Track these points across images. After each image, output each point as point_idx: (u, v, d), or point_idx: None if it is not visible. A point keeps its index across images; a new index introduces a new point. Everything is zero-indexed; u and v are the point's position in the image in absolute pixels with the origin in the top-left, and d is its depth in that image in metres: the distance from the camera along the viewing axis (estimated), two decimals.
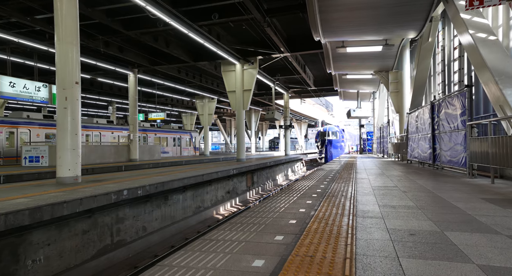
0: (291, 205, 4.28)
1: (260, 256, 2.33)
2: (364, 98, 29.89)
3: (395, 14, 9.59)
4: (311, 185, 6.39)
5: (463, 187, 5.92)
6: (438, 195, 5.02)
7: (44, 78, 18.13)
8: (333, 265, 2.13)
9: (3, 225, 3.93)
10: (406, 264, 2.15)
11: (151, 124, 27.56)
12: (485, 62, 7.00)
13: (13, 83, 12.67)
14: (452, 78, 12.59)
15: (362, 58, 15.37)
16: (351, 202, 4.43)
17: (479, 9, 7.05)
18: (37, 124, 16.44)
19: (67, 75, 6.90)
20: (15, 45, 13.37)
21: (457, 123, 7.91)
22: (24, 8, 10.91)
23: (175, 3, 10.83)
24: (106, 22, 11.57)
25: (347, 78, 19.61)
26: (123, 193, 6.03)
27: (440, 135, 9.39)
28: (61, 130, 6.89)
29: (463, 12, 7.77)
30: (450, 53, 12.75)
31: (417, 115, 12.10)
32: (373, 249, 2.45)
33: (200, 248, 2.52)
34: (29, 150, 12.65)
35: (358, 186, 6.14)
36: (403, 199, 4.65)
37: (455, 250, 2.43)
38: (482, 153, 6.65)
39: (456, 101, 7.97)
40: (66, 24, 6.89)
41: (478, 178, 7.21)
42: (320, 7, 9.00)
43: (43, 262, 4.69)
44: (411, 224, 3.20)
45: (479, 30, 7.56)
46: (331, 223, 3.26)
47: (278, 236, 2.83)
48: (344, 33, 11.38)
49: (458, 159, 7.96)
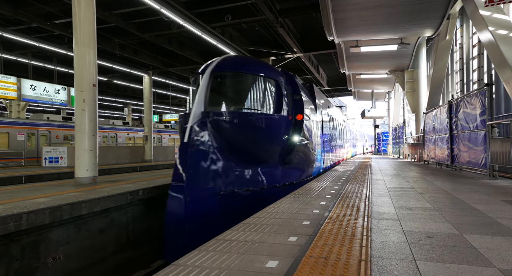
0: (305, 206, 4.25)
1: (274, 257, 2.33)
2: (378, 98, 29.40)
3: (411, 12, 9.40)
4: (324, 186, 6.33)
5: (483, 188, 5.73)
6: (457, 196, 4.88)
7: (63, 81, 18.69)
8: (347, 267, 2.10)
9: (25, 224, 4.08)
10: (424, 267, 2.10)
11: (166, 125, 27.97)
12: (506, 60, 6.77)
13: (34, 86, 13.12)
14: (471, 77, 12.24)
15: (376, 57, 15.14)
16: (366, 204, 4.36)
17: (499, 5, 6.83)
18: (56, 125, 16.95)
19: (85, 77, 7.09)
20: (36, 49, 13.85)
21: (477, 123, 7.68)
22: (44, 14, 11.29)
23: (189, 6, 10.98)
24: (122, 26, 11.83)
25: (361, 77, 19.37)
26: (138, 193, 6.14)
27: (458, 135, 9.14)
28: (79, 132, 7.08)
29: (482, 8, 7.54)
30: (468, 51, 12.39)
31: (434, 115, 11.81)
32: (389, 252, 2.41)
33: (214, 248, 2.54)
34: (49, 151, 13.06)
35: (373, 187, 6.04)
36: (420, 201, 4.55)
37: (475, 253, 2.35)
38: (503, 154, 6.43)
39: (475, 100, 7.74)
40: (84, 28, 7.09)
41: (499, 180, 6.97)
42: (333, 7, 8.93)
43: (63, 260, 4.83)
44: (428, 226, 3.12)
45: (499, 27, 7.32)
46: (345, 225, 3.22)
47: (291, 237, 2.81)
48: (358, 32, 11.25)
49: (477, 159, 7.72)
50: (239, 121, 5.65)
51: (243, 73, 6.10)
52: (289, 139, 6.45)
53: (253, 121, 5.87)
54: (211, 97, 5.60)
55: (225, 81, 6.08)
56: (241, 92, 6.21)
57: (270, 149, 6.24)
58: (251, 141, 5.87)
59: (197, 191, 4.88)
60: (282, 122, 6.26)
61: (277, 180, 6.22)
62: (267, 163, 6.19)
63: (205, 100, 5.44)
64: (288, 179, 6.57)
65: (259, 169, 5.96)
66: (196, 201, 4.79)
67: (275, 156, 6.33)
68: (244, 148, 5.74)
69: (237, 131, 5.58)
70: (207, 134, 5.10)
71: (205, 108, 5.37)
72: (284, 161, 6.50)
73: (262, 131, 5.97)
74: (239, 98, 6.19)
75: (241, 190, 5.50)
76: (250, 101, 6.17)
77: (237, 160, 5.54)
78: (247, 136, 5.76)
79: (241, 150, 5.66)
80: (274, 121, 6.16)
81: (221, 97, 6.01)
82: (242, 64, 6.30)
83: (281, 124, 6.26)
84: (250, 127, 5.77)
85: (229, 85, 6.18)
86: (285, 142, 6.37)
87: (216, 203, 5.10)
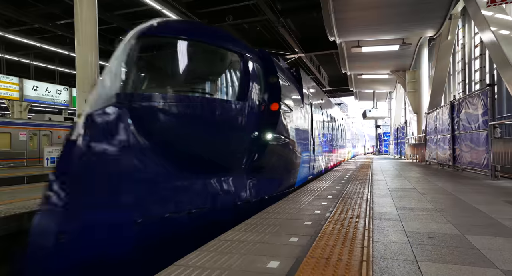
0: (306, 206, 4.24)
1: (275, 257, 2.33)
2: (380, 98, 29.36)
3: (413, 12, 9.39)
4: (326, 186, 6.33)
5: (485, 189, 5.71)
6: (459, 197, 4.87)
7: (65, 82, 18.76)
8: (349, 268, 2.10)
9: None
10: (425, 268, 2.09)
11: None
12: (509, 60, 6.75)
13: (36, 87, 13.17)
14: (473, 77, 12.21)
15: (378, 57, 15.13)
16: (367, 204, 4.35)
17: (501, 5, 6.82)
18: (58, 126, 17.00)
19: (87, 78, 7.12)
20: (38, 50, 13.91)
21: (479, 123, 7.66)
22: (46, 14, 11.34)
23: (190, 6, 11.00)
24: (124, 26, 11.88)
25: (363, 78, 19.35)
26: None
27: (460, 135, 9.12)
28: None
29: (485, 8, 7.52)
30: (470, 51, 12.37)
31: (436, 115, 11.78)
32: (391, 252, 2.40)
33: (216, 249, 2.54)
34: (51, 151, 13.09)
35: (375, 188, 6.03)
36: (422, 201, 4.53)
37: (477, 254, 2.35)
38: (506, 154, 6.41)
39: (477, 100, 7.72)
40: (85, 29, 7.12)
41: (502, 180, 6.94)
42: (335, 7, 8.93)
43: None
44: (430, 227, 3.11)
45: (501, 27, 7.30)
46: (347, 225, 3.21)
47: (293, 237, 2.81)
48: (360, 33, 11.24)
49: (479, 160, 7.70)
50: (180, 109, 3.67)
51: (190, 41, 4.03)
52: (260, 137, 4.59)
53: (202, 110, 3.90)
54: (136, 73, 3.71)
55: (161, 50, 4.09)
56: (185, 67, 4.13)
57: (229, 151, 4.35)
58: (198, 140, 3.90)
59: (88, 220, 2.79)
60: (248, 112, 4.35)
61: (240, 196, 4.28)
62: (225, 171, 4.18)
63: (121, 77, 3.49)
64: (258, 193, 4.60)
65: (212, 181, 3.95)
66: (85, 240, 2.74)
67: (237, 160, 4.38)
68: (187, 150, 3.78)
69: (175, 123, 3.67)
70: (121, 126, 3.16)
71: (121, 89, 3.41)
72: (251, 168, 4.50)
73: (217, 125, 4.05)
74: (181, 77, 4.15)
75: (180, 214, 3.46)
76: (199, 81, 4.26)
77: (174, 167, 3.54)
78: (192, 131, 3.81)
79: (182, 152, 3.70)
80: (235, 111, 4.22)
81: (152, 74, 4.09)
82: (190, 29, 4.37)
83: (247, 115, 4.34)
84: (198, 118, 3.84)
85: (166, 56, 4.12)
86: (253, 141, 4.51)
87: (128, 239, 2.99)
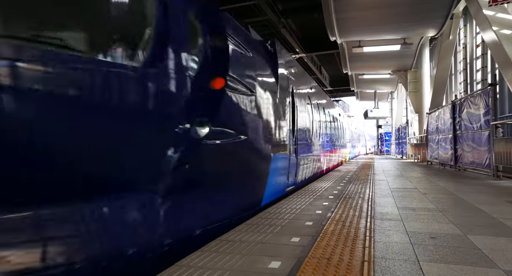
0: (307, 206, 4.24)
1: (277, 257, 2.33)
2: (381, 98, 29.32)
3: (414, 12, 9.38)
4: (327, 186, 6.32)
5: (487, 189, 5.70)
6: (461, 197, 4.85)
7: None
8: (350, 268, 2.10)
9: None
10: (427, 268, 2.09)
11: None
12: (510, 60, 6.73)
13: None
14: (474, 77, 12.18)
15: (379, 57, 15.12)
16: (369, 204, 4.35)
17: (503, 5, 6.80)
18: None
19: None
20: None
21: (480, 123, 7.64)
22: None
23: None
24: None
25: (364, 78, 19.33)
26: None
27: (462, 135, 9.10)
28: None
29: (486, 8, 7.50)
30: (472, 51, 12.35)
31: (438, 115, 11.76)
32: (392, 252, 2.40)
33: (217, 249, 2.54)
34: None
35: (376, 188, 6.02)
36: (423, 201, 4.52)
37: (479, 254, 2.34)
38: (508, 154, 6.40)
39: (479, 100, 7.70)
40: None
41: (504, 180, 6.92)
42: (336, 7, 8.93)
43: None
44: (431, 227, 3.11)
45: (503, 27, 7.28)
46: (348, 225, 3.21)
47: (294, 237, 2.81)
48: (361, 33, 11.23)
49: (481, 160, 7.68)
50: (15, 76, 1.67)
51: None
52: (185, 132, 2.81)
53: (58, 79, 1.84)
54: None
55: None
56: None
57: (129, 154, 2.40)
58: (63, 134, 1.94)
59: None
60: (162, 87, 2.55)
61: (144, 238, 2.57)
62: (114, 191, 2.34)
63: None
64: (179, 228, 2.89)
65: (85, 211, 2.14)
66: None
67: (136, 172, 2.49)
68: (37, 153, 1.86)
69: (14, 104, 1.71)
70: None
71: None
72: (172, 183, 2.73)
73: (109, 108, 2.17)
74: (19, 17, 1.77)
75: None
76: (52, 26, 1.85)
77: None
78: (52, 120, 1.88)
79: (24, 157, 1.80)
80: (132, 84, 2.29)
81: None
82: None
83: (159, 93, 2.52)
84: (51, 95, 1.84)
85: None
86: (170, 139, 2.69)
87: None
